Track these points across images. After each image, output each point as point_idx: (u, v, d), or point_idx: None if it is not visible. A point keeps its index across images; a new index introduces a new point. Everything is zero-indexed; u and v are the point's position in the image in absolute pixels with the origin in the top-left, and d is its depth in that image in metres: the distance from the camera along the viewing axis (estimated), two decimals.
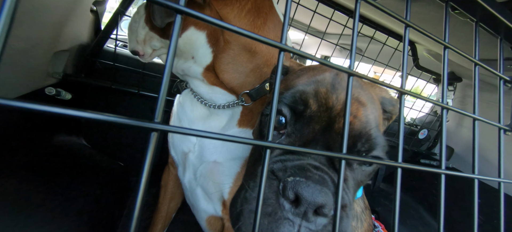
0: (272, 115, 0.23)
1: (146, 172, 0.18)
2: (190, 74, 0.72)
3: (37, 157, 0.92)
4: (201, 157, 0.71)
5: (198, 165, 0.72)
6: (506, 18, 0.33)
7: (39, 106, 0.15)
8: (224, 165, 0.68)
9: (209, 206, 0.77)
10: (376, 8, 0.26)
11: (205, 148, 0.70)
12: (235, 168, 0.68)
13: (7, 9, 0.14)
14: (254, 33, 0.21)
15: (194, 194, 0.79)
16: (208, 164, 0.69)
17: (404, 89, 0.30)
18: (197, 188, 0.76)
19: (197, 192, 0.77)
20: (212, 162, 0.69)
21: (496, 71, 0.36)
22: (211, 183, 0.70)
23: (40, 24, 0.78)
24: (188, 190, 0.82)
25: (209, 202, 0.76)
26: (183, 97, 0.82)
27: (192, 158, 0.73)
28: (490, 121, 0.36)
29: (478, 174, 0.34)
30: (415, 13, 0.85)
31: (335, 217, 0.25)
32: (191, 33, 0.65)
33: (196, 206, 0.82)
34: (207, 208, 0.79)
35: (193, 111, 0.77)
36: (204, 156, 0.70)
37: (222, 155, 0.68)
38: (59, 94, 1.02)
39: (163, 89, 0.18)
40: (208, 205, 0.77)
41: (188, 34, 0.65)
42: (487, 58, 0.94)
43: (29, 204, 0.78)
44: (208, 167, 0.69)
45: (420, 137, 1.90)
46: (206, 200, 0.77)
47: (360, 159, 0.27)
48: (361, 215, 0.79)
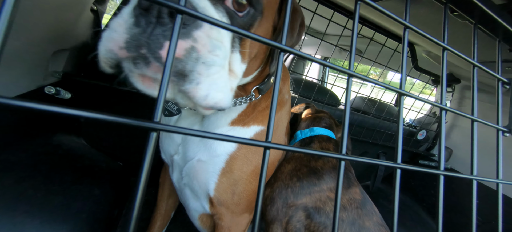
0: (272, 115, 0.23)
1: (145, 171, 0.18)
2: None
3: (37, 157, 0.92)
4: (185, 157, 0.71)
5: (183, 165, 0.72)
6: (504, 20, 0.33)
7: (38, 105, 0.15)
8: (207, 162, 0.68)
9: (197, 204, 0.78)
10: (376, 10, 0.26)
11: (188, 148, 0.70)
12: (219, 164, 0.68)
13: (7, 8, 0.14)
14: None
15: (183, 194, 0.80)
16: (192, 162, 0.69)
17: (403, 91, 0.30)
18: (185, 188, 0.77)
19: (186, 191, 0.78)
20: (196, 161, 0.69)
21: (494, 73, 0.37)
22: (196, 181, 0.70)
23: (40, 23, 0.78)
24: (178, 190, 0.82)
25: (197, 200, 0.77)
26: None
27: (177, 159, 0.74)
28: (488, 123, 0.36)
29: (476, 175, 0.34)
30: (414, 15, 0.86)
31: (335, 216, 0.25)
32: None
33: (187, 205, 0.83)
34: (196, 206, 0.79)
35: (184, 121, 0.74)
36: (187, 156, 0.70)
37: (204, 153, 0.68)
38: (58, 93, 1.02)
39: (163, 88, 0.18)
40: (196, 203, 0.78)
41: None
42: (486, 60, 0.95)
43: (28, 204, 0.77)
44: (192, 166, 0.70)
45: (419, 138, 1.91)
46: (194, 198, 0.77)
47: (359, 160, 0.27)
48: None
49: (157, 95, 0.18)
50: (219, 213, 0.72)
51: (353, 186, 0.85)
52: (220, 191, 0.69)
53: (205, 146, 0.68)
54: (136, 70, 0.40)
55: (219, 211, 0.72)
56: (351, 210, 0.79)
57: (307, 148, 0.97)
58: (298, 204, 0.80)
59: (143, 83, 0.42)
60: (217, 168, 0.68)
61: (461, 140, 1.85)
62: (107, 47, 0.39)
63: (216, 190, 0.68)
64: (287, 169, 0.87)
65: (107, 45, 0.39)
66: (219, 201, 0.70)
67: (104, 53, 0.39)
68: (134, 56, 0.38)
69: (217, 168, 0.68)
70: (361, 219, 0.78)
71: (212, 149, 0.68)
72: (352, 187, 0.85)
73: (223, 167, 0.68)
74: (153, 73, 0.40)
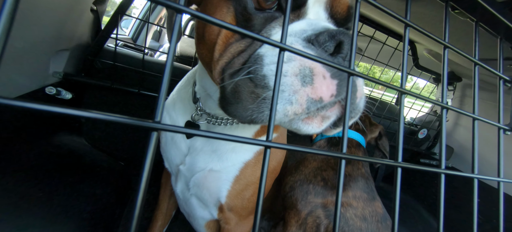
0: (272, 116, 0.23)
1: (146, 171, 0.18)
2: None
3: (38, 157, 0.92)
4: (193, 168, 0.69)
5: (190, 176, 0.70)
6: (506, 18, 0.33)
7: (39, 105, 0.15)
8: (221, 171, 0.67)
9: (205, 212, 0.77)
10: (376, 8, 0.26)
11: (197, 160, 0.69)
12: (234, 172, 0.67)
13: (7, 9, 0.14)
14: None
15: (188, 203, 0.78)
16: (203, 173, 0.68)
17: (404, 89, 0.30)
18: (191, 197, 0.75)
19: (192, 201, 0.76)
20: (208, 171, 0.68)
21: (496, 71, 0.36)
22: (206, 191, 0.69)
23: (41, 24, 0.78)
24: (182, 200, 0.81)
25: (205, 208, 0.76)
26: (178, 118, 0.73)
27: (183, 170, 0.72)
28: (490, 121, 0.36)
29: (477, 174, 0.34)
30: (415, 12, 0.85)
31: (336, 213, 0.25)
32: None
33: (192, 214, 0.82)
34: (203, 215, 0.78)
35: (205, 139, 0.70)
36: (196, 167, 0.69)
37: (218, 163, 0.67)
38: (59, 93, 1.02)
39: (164, 88, 0.18)
40: (204, 212, 0.77)
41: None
42: (487, 58, 0.94)
43: (30, 204, 0.78)
44: (202, 176, 0.68)
45: (420, 137, 1.90)
46: (202, 207, 0.76)
47: (360, 159, 0.27)
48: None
49: (158, 95, 0.18)
50: (226, 217, 0.72)
51: (376, 200, 0.86)
52: (232, 197, 0.68)
53: (219, 158, 0.67)
54: (316, 113, 0.38)
55: (227, 216, 0.72)
56: (371, 223, 0.79)
57: (334, 149, 0.97)
58: (318, 202, 0.81)
59: (310, 124, 0.40)
60: (231, 176, 0.67)
61: (463, 139, 1.85)
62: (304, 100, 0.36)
63: (228, 197, 0.68)
64: (312, 165, 0.88)
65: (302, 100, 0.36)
66: (229, 207, 0.70)
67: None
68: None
69: (231, 176, 0.67)
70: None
71: (228, 159, 0.67)
72: (376, 200, 0.86)
73: (237, 174, 0.67)
74: (331, 114, 0.39)
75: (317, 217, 0.79)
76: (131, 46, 1.90)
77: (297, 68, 0.36)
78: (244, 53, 0.41)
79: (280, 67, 0.23)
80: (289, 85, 0.35)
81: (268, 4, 0.43)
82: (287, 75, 0.36)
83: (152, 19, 2.57)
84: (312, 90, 0.36)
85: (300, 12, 0.44)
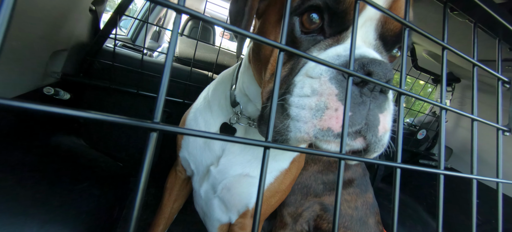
0: (272, 115, 0.23)
1: (145, 172, 0.18)
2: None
3: (36, 158, 0.92)
4: (227, 171, 0.69)
5: (221, 178, 0.70)
6: (504, 19, 0.33)
7: (37, 106, 0.15)
8: (257, 178, 0.68)
9: (224, 215, 0.77)
10: (376, 9, 0.26)
11: (233, 162, 0.69)
12: (269, 179, 0.68)
13: (5, 8, 0.14)
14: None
15: (209, 204, 0.78)
16: (237, 177, 0.68)
17: (403, 90, 0.30)
18: (214, 199, 0.75)
19: (214, 202, 0.76)
20: (243, 176, 0.68)
21: (494, 72, 0.36)
22: (237, 195, 0.69)
23: (39, 23, 0.78)
24: (203, 200, 0.80)
25: (226, 212, 0.76)
26: (214, 120, 0.74)
27: (214, 171, 0.71)
28: (488, 122, 0.36)
29: (476, 175, 0.34)
30: (414, 14, 0.86)
31: (336, 213, 0.25)
32: None
33: (209, 215, 0.81)
34: (221, 217, 0.78)
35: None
36: (231, 170, 0.69)
37: (256, 169, 0.68)
38: (57, 93, 1.02)
39: (163, 89, 0.18)
40: (223, 215, 0.77)
41: None
42: (486, 59, 0.95)
43: (28, 204, 0.77)
44: (236, 180, 0.68)
45: (419, 138, 1.91)
46: (222, 210, 0.76)
47: (359, 160, 0.27)
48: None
49: (157, 96, 0.18)
50: (245, 224, 0.73)
51: (368, 192, 0.92)
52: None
53: (260, 164, 0.67)
54: (332, 139, 0.39)
55: (247, 222, 0.73)
56: (361, 210, 0.86)
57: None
58: (316, 200, 0.86)
59: (328, 145, 0.41)
60: (266, 183, 0.68)
61: (462, 140, 1.86)
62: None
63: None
64: (312, 169, 0.91)
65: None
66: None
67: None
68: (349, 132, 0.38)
69: (266, 183, 0.68)
70: (367, 217, 0.86)
71: (268, 166, 0.67)
72: (368, 192, 0.92)
73: (271, 182, 0.69)
74: (354, 144, 0.40)
75: (313, 211, 0.84)
76: (130, 46, 1.89)
77: (314, 102, 0.38)
78: (286, 78, 0.44)
79: (279, 66, 0.23)
80: (303, 117, 0.38)
81: (312, 26, 0.44)
82: (305, 108, 0.38)
83: (152, 19, 2.57)
84: (320, 121, 0.37)
85: (340, 37, 0.44)
